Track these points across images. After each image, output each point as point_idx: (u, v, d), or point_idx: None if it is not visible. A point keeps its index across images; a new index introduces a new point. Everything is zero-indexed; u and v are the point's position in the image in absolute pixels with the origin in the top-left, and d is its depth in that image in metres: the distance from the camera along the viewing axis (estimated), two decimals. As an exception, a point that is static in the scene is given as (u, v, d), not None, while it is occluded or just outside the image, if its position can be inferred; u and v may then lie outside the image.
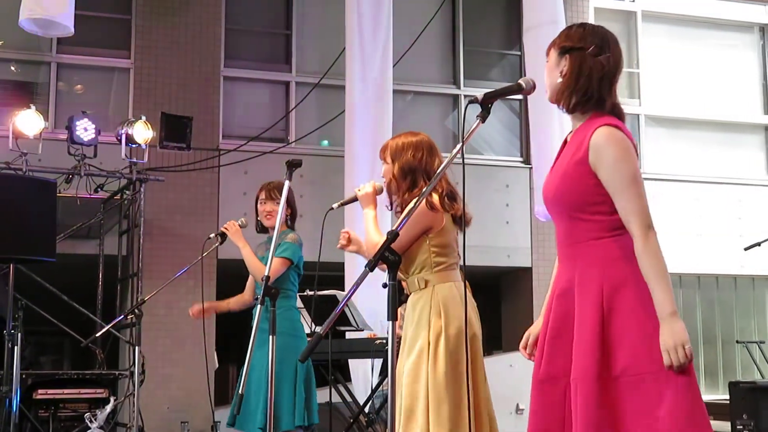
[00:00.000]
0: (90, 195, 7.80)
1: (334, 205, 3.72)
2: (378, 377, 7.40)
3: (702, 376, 10.59)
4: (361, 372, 8.03)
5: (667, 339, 2.46)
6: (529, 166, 10.00)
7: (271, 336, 3.92)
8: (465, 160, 2.74)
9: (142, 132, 7.73)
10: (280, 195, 4.85)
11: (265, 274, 3.88)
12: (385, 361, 6.55)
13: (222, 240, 4.96)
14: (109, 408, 6.92)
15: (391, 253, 2.51)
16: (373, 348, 6.39)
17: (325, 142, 9.88)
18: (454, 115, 10.42)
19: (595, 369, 2.52)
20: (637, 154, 2.66)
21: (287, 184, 4.04)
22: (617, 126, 2.64)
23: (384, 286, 2.52)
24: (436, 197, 3.55)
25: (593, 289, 2.60)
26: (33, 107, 7.50)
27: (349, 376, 7.98)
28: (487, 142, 10.43)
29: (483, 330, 3.63)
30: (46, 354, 12.97)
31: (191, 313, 5.07)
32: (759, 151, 11.54)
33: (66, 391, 7.18)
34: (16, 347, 6.45)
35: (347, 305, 6.18)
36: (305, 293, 5.89)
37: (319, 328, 6.13)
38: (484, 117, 2.63)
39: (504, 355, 10.10)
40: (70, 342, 11.57)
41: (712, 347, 11.05)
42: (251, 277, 5.06)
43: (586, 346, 2.56)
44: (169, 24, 9.33)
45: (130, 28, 9.37)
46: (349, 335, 7.23)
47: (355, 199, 3.75)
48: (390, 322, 2.53)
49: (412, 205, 3.09)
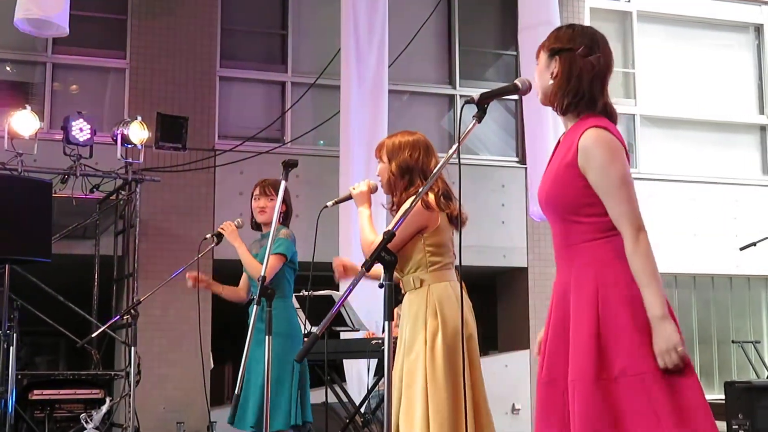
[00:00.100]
0: (86, 195, 7.79)
1: (329, 203, 3.71)
2: (374, 377, 7.40)
3: (698, 376, 10.58)
4: (356, 372, 8.03)
5: (660, 342, 2.47)
6: (525, 167, 10.01)
7: (267, 336, 3.92)
8: (461, 160, 2.74)
9: (138, 132, 7.73)
10: (273, 191, 4.87)
11: (261, 274, 3.88)
12: (380, 361, 6.54)
13: (218, 240, 4.96)
14: (104, 408, 6.92)
15: (387, 253, 2.51)
16: (369, 348, 6.38)
17: (322, 142, 9.87)
18: (450, 115, 10.43)
19: (592, 370, 2.52)
20: (627, 154, 2.65)
21: (284, 184, 4.04)
22: (606, 127, 2.63)
23: (380, 286, 2.52)
24: (431, 197, 3.55)
25: (588, 291, 2.60)
26: (28, 107, 7.50)
27: (344, 376, 7.98)
28: (482, 143, 10.43)
29: (478, 330, 3.63)
30: (41, 354, 12.94)
31: (188, 276, 5.01)
32: (754, 151, 11.56)
33: (62, 391, 7.18)
34: (11, 348, 6.45)
35: (343, 305, 6.17)
36: (301, 293, 5.89)
37: (315, 328, 6.12)
38: (480, 117, 2.63)
39: (500, 355, 10.11)
40: (65, 342, 11.55)
41: (708, 347, 11.06)
42: (245, 274, 5.06)
43: (583, 347, 2.56)
44: (165, 24, 9.32)
45: (125, 28, 9.35)
46: (345, 335, 7.22)
47: (349, 197, 3.75)
48: (386, 321, 2.52)
49: (407, 205, 3.09)
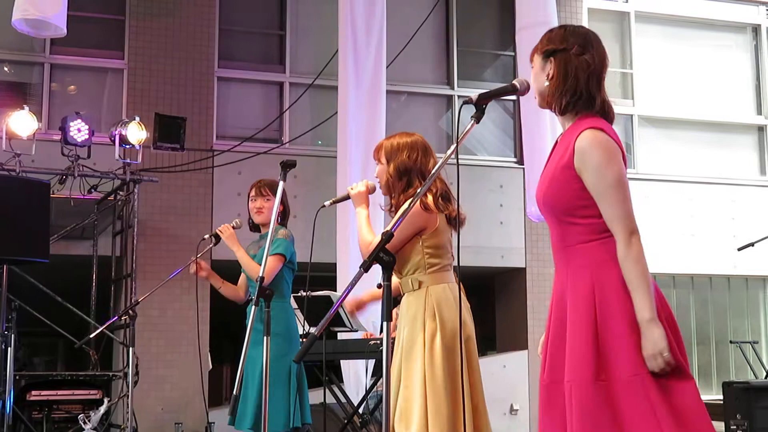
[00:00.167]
0: (83, 196, 7.79)
1: (326, 202, 3.71)
2: (372, 378, 7.40)
3: (696, 377, 10.47)
4: (353, 372, 8.03)
5: (647, 346, 2.48)
6: (523, 167, 10.00)
7: (265, 337, 3.92)
8: (459, 161, 2.74)
9: (136, 133, 7.73)
10: (270, 191, 4.88)
11: (260, 275, 3.88)
12: (378, 361, 6.54)
13: (216, 241, 4.96)
14: (102, 409, 6.92)
15: (385, 253, 2.51)
16: (367, 349, 6.38)
17: (320, 143, 9.86)
18: (448, 115, 10.42)
19: (590, 371, 2.52)
20: (624, 156, 2.65)
21: (281, 184, 4.04)
22: (603, 129, 2.63)
23: (379, 286, 2.52)
24: (430, 198, 3.54)
25: (585, 292, 2.60)
26: (26, 108, 7.50)
27: (341, 376, 7.98)
28: (480, 143, 10.43)
29: (476, 331, 3.63)
30: (39, 355, 12.92)
31: (191, 263, 5.00)
32: (752, 151, 11.56)
33: (59, 392, 7.18)
34: (9, 348, 6.45)
35: (341, 306, 6.17)
36: (299, 294, 5.89)
37: (313, 329, 6.12)
38: (478, 118, 2.64)
39: (498, 356, 10.10)
40: (63, 343, 11.55)
41: (706, 347, 11.06)
42: (243, 274, 5.06)
43: (580, 348, 2.56)
44: (163, 24, 9.32)
45: (123, 29, 9.34)
46: (342, 336, 7.22)
47: (347, 197, 3.75)
48: (384, 322, 2.52)
49: (406, 206, 3.09)
